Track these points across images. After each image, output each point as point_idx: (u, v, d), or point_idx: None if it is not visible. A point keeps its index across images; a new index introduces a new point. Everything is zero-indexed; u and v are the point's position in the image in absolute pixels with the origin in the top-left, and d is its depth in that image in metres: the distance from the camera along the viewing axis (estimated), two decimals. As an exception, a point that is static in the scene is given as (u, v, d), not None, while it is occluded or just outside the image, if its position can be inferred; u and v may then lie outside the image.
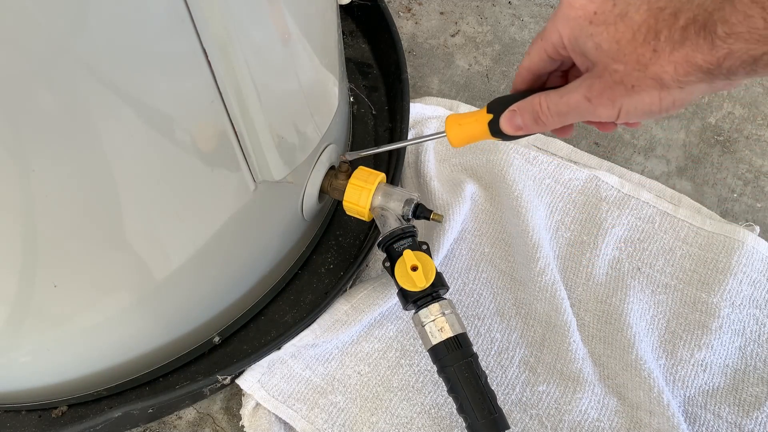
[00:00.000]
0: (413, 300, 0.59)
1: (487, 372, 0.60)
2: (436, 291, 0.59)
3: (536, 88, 0.45)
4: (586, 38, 0.37)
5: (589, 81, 0.38)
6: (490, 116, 0.47)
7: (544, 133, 0.85)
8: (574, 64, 0.44)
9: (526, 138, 0.84)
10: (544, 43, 0.41)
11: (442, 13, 1.02)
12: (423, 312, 0.58)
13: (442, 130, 0.52)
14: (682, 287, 0.69)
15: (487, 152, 0.79)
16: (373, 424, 0.63)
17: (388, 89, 0.89)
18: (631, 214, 0.74)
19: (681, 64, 0.33)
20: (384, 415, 0.63)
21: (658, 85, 0.35)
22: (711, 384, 0.64)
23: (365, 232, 0.77)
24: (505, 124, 0.46)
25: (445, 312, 0.58)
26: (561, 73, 0.46)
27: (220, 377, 0.62)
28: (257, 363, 0.64)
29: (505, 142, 0.57)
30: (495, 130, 0.47)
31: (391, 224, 0.63)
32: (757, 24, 0.30)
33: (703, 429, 0.62)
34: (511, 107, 0.45)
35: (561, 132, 0.46)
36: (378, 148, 0.64)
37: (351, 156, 0.64)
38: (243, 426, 0.63)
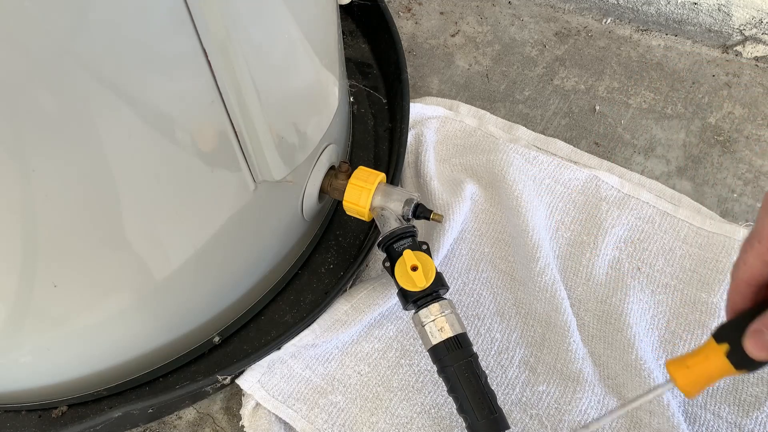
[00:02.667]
0: (413, 300, 0.59)
1: (487, 372, 0.60)
2: (436, 291, 0.59)
3: (765, 302, 0.38)
4: None
5: None
6: (725, 346, 0.39)
7: (544, 134, 0.85)
8: None
9: (526, 138, 0.84)
10: (761, 246, 0.36)
11: (442, 13, 1.02)
12: (423, 312, 0.58)
13: (667, 381, 0.42)
14: (682, 287, 0.69)
15: (487, 152, 0.79)
16: (373, 424, 0.63)
17: (388, 89, 0.89)
18: (631, 214, 0.74)
19: None
20: (384, 415, 0.63)
21: None
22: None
23: (365, 232, 0.77)
24: (753, 347, 0.36)
25: (445, 312, 0.58)
26: None
27: (220, 377, 0.62)
28: (257, 363, 0.64)
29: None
30: (739, 361, 0.38)
31: (391, 224, 0.63)
32: None
33: (703, 429, 0.62)
34: (753, 327, 0.36)
35: None
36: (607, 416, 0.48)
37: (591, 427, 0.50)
38: (243, 426, 0.63)
